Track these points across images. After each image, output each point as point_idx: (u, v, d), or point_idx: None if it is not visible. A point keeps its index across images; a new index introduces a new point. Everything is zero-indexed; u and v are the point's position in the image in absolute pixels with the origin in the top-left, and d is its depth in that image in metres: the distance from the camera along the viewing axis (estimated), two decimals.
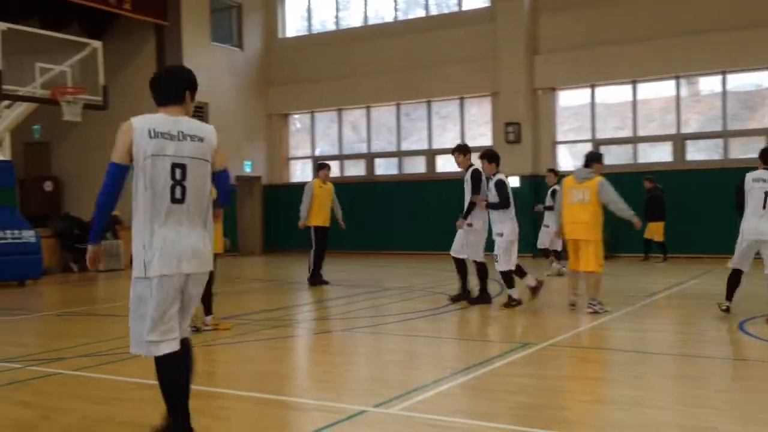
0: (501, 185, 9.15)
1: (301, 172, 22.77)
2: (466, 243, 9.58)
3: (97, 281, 14.88)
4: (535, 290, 9.38)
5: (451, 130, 20.75)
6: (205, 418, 4.83)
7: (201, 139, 4.04)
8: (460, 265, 9.71)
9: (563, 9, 18.69)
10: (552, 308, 9.37)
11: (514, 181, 18.59)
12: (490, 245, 9.43)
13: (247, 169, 21.91)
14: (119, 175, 3.94)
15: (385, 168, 21.72)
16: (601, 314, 8.53)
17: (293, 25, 23.00)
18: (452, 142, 20.46)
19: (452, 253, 9.75)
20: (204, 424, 4.65)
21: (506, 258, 9.19)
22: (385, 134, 21.67)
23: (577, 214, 8.65)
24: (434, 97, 20.52)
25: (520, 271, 9.34)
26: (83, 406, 5.06)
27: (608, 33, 18.03)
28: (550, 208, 12.46)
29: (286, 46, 22.64)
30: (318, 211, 12.20)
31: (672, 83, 17.96)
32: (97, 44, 14.43)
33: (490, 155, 9.41)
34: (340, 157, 22.03)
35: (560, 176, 11.73)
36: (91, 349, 7.10)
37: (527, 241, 14.72)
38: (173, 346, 3.92)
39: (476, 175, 9.35)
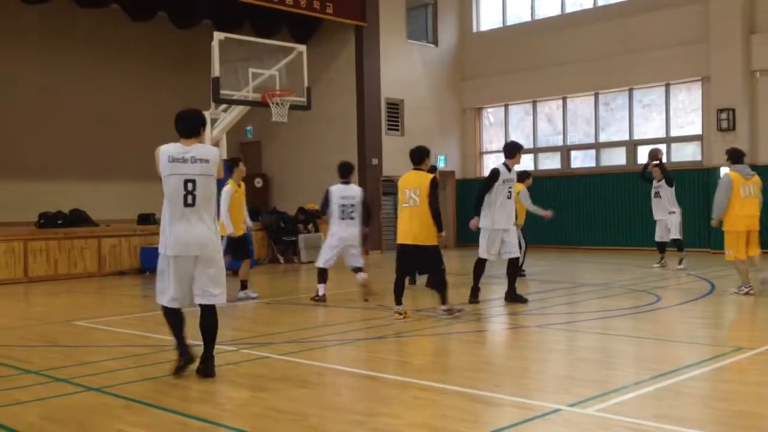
0: (326, 194, 10.03)
1: (494, 166, 22.54)
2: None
3: (301, 272, 15.81)
4: (319, 299, 9.87)
5: (654, 119, 19.59)
6: (398, 406, 4.96)
7: (207, 161, 5.49)
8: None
9: None
10: (764, 312, 8.57)
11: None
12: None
13: (441, 164, 22.15)
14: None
15: (582, 160, 20.99)
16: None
17: (488, 19, 22.90)
18: (656, 131, 19.44)
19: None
20: (397, 412, 4.78)
21: (324, 256, 10.00)
22: (582, 125, 20.93)
23: (754, 208, 9.56)
24: (636, 84, 19.48)
25: (322, 275, 9.95)
26: (287, 387, 5.39)
27: None
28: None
29: (480, 40, 22.59)
30: (522, 211, 12.54)
31: None
32: (302, 48, 15.24)
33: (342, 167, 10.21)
34: (535, 150, 21.61)
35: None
36: (296, 336, 7.56)
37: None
38: (176, 304, 5.65)
39: (494, 172, 10.08)
